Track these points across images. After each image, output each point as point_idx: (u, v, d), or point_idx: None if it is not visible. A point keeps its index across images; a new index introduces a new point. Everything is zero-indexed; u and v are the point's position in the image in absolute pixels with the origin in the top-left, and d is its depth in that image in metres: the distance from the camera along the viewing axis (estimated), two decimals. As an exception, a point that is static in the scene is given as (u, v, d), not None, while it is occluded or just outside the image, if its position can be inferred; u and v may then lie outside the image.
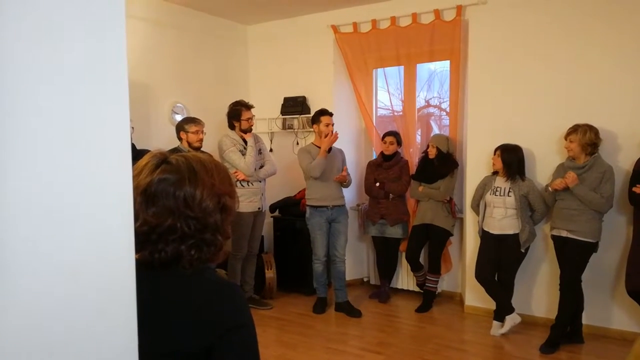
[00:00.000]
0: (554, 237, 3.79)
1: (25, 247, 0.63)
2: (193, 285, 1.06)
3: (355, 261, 5.26)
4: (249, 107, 4.39)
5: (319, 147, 4.36)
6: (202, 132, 4.13)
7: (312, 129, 4.61)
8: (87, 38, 0.69)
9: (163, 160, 1.08)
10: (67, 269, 0.68)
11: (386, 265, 4.88)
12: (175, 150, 3.78)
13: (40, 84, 0.64)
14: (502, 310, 3.93)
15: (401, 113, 5.01)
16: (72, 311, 0.69)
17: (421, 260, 4.66)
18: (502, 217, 3.90)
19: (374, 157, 5.06)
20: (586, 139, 3.56)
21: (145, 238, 1.03)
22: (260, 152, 4.42)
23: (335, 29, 5.00)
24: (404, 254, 4.86)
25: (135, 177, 1.02)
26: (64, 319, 0.68)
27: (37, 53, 0.63)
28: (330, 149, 4.39)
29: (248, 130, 4.36)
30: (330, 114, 4.39)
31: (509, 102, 4.18)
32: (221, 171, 1.13)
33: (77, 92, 0.68)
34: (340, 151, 4.57)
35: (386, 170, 4.69)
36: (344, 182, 4.46)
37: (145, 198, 1.03)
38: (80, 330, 0.70)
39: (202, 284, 1.06)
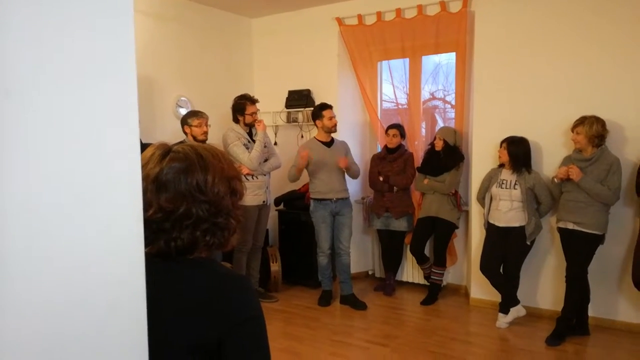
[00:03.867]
0: (560, 230, 3.78)
1: (34, 244, 0.63)
2: (203, 278, 1.06)
3: (360, 254, 5.26)
4: (253, 101, 4.37)
5: (322, 142, 4.37)
6: (206, 124, 4.13)
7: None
8: (95, 31, 0.68)
9: (168, 150, 1.09)
10: (76, 265, 0.68)
11: (391, 258, 4.88)
12: (181, 143, 3.78)
13: (47, 79, 0.64)
14: (508, 302, 3.93)
15: (406, 106, 4.99)
16: (82, 307, 0.69)
17: (426, 252, 4.66)
18: (508, 210, 3.89)
19: (379, 150, 5.05)
20: (593, 131, 3.53)
21: (159, 227, 1.03)
22: (265, 145, 4.42)
23: (339, 21, 4.97)
24: (409, 247, 4.86)
25: (142, 167, 1.02)
26: (74, 314, 0.68)
27: (45, 48, 0.63)
28: (332, 142, 4.40)
29: (251, 124, 4.36)
30: (330, 107, 4.39)
31: (515, 94, 4.15)
32: (226, 156, 1.16)
33: (86, 86, 0.68)
34: (343, 143, 4.55)
35: (390, 163, 4.68)
36: (349, 171, 4.43)
37: (157, 186, 1.04)
38: (91, 325, 0.70)
39: (212, 276, 1.07)
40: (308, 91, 5.23)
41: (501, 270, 4.00)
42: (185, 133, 4.11)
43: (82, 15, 0.67)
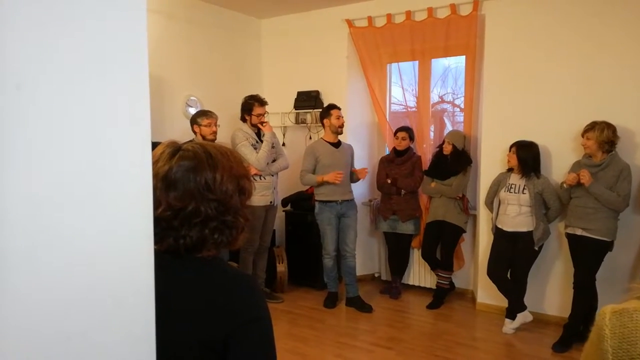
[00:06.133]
0: (568, 235, 3.75)
1: (40, 240, 0.63)
2: (211, 277, 1.06)
3: (367, 257, 5.25)
4: (262, 103, 4.37)
5: (329, 143, 4.38)
6: (215, 124, 4.14)
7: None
8: (107, 24, 0.69)
9: (178, 148, 1.10)
10: (85, 259, 0.68)
11: (398, 261, 4.87)
12: (190, 142, 3.80)
13: (55, 74, 0.64)
14: (514, 308, 3.90)
15: (415, 109, 4.98)
16: (90, 301, 0.69)
17: (438, 256, 4.64)
18: (516, 215, 3.87)
19: (387, 152, 5.04)
20: (603, 137, 3.51)
21: (168, 225, 1.03)
22: (273, 146, 4.42)
23: (349, 23, 4.97)
24: (415, 250, 4.84)
25: (152, 165, 1.03)
26: (82, 308, 0.68)
27: (55, 42, 0.63)
28: (339, 144, 4.40)
29: (257, 126, 4.36)
30: (339, 108, 4.40)
31: (524, 98, 4.13)
32: (236, 155, 1.16)
33: (97, 81, 0.68)
34: (350, 147, 4.55)
35: (398, 166, 4.67)
36: (357, 178, 4.50)
37: (166, 184, 1.04)
38: (98, 319, 0.70)
39: (220, 275, 1.07)
40: (317, 92, 5.23)
41: (508, 276, 3.98)
42: (195, 132, 4.13)
43: (94, 8, 0.67)
